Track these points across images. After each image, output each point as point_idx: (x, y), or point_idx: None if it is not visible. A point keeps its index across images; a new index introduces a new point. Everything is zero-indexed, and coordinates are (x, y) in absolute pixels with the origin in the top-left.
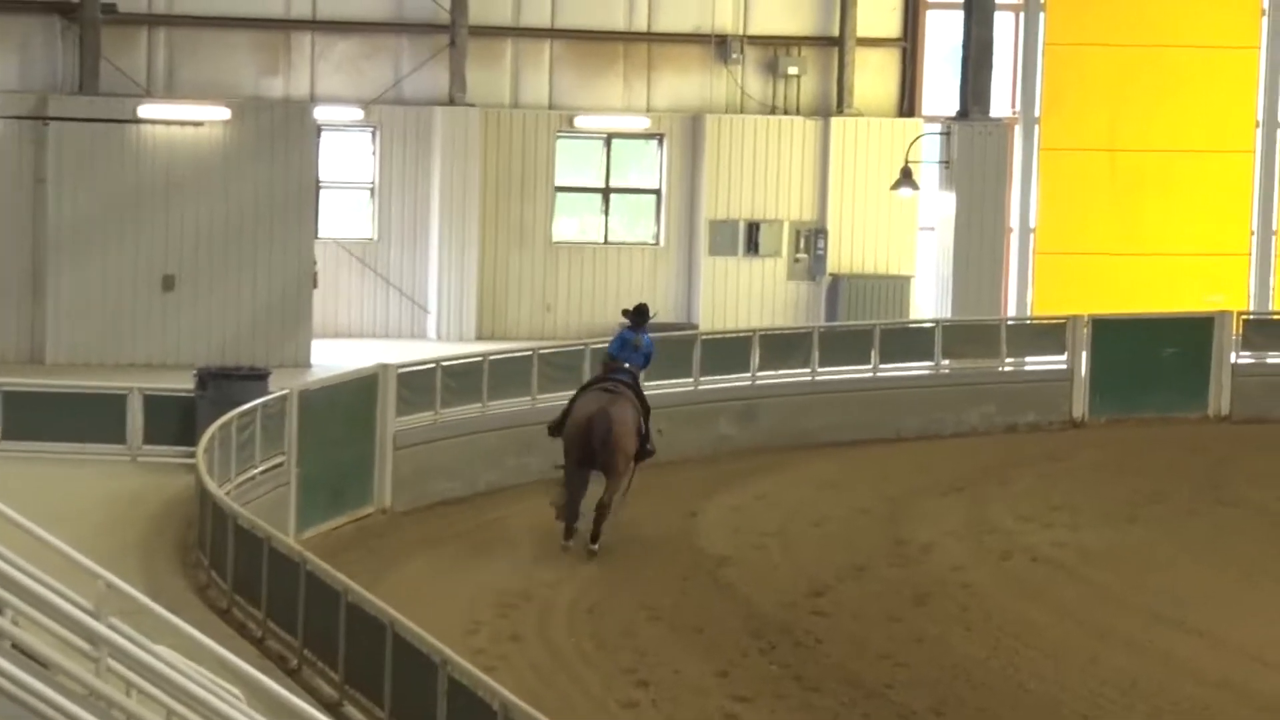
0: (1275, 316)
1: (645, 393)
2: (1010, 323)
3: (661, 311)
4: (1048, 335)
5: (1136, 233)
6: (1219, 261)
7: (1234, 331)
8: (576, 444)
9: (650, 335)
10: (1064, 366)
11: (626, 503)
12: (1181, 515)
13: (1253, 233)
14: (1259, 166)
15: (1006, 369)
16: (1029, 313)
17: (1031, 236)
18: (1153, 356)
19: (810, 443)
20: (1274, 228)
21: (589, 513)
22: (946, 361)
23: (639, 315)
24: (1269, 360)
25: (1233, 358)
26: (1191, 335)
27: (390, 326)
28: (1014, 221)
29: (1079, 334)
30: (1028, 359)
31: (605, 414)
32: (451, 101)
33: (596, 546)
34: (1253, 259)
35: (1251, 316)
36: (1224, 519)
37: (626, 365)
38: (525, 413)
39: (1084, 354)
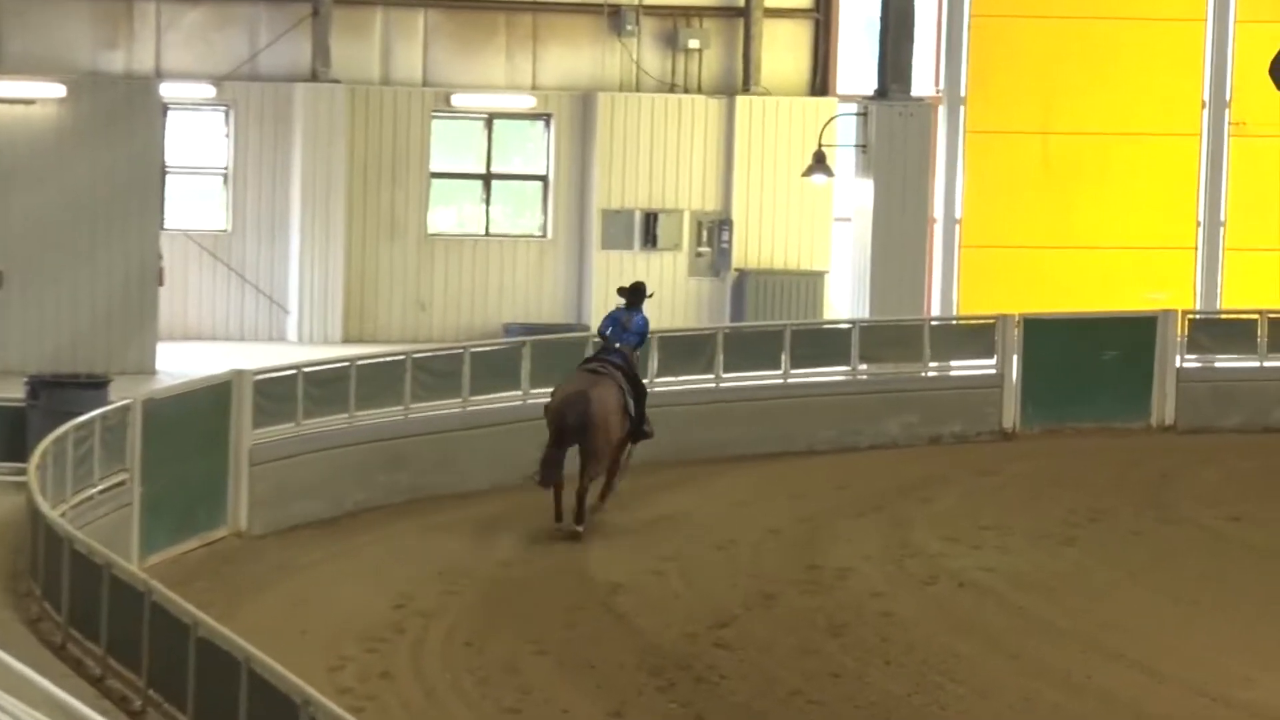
0: (1224, 316)
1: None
2: (934, 323)
3: (548, 311)
4: (975, 337)
5: (1072, 224)
6: (1162, 255)
7: (1179, 333)
8: (554, 424)
9: (643, 315)
10: (993, 372)
11: (615, 486)
12: (1122, 536)
13: (1199, 224)
14: (1205, 151)
15: (930, 374)
16: (954, 312)
17: (957, 228)
18: (1090, 360)
19: (714, 456)
20: (1221, 218)
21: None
22: (864, 366)
23: (634, 294)
24: (1217, 365)
25: (1177, 362)
26: (1132, 337)
27: (246, 328)
28: (938, 211)
29: (1009, 335)
30: (953, 363)
31: (583, 395)
32: (314, 77)
33: (581, 528)
34: (1199, 253)
35: (1198, 316)
36: (1169, 540)
37: (618, 345)
38: (397, 424)
39: (1015, 358)
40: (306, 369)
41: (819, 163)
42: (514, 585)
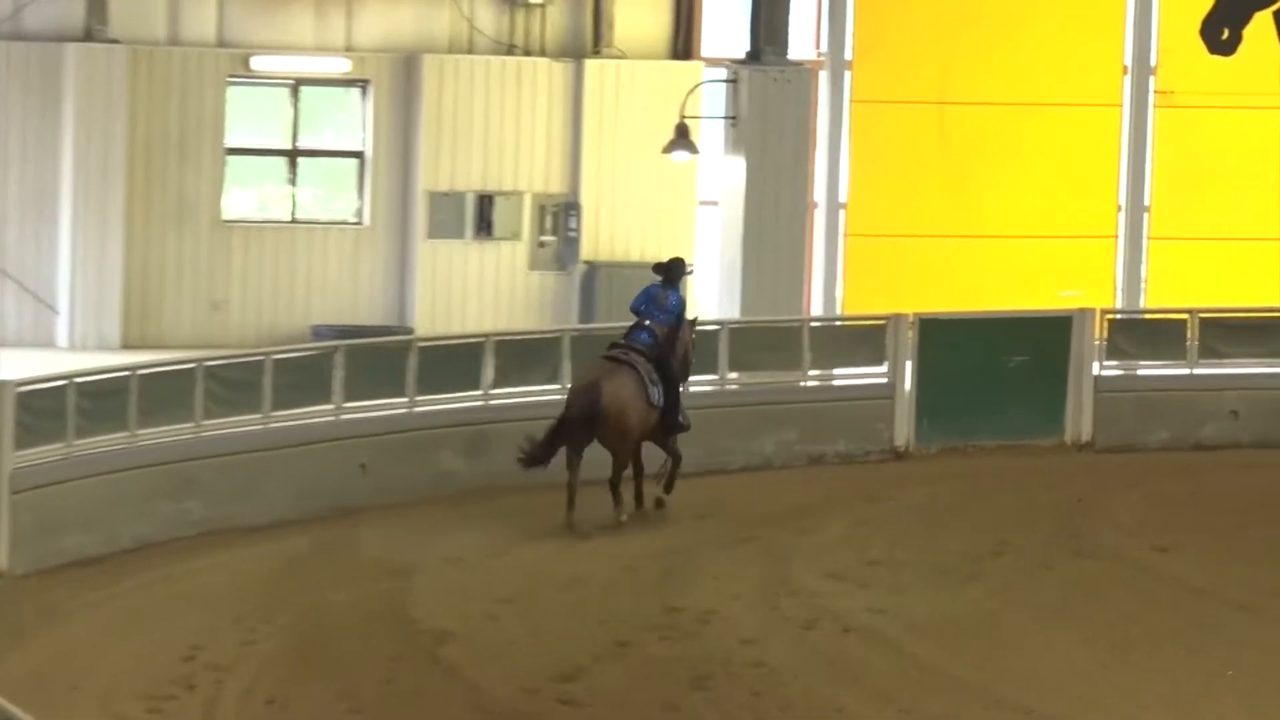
0: (1148, 316)
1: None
2: (815, 325)
3: (365, 311)
4: (863, 341)
5: (974, 209)
6: (1078, 246)
7: (1097, 335)
8: (563, 418)
9: (680, 293)
10: (884, 381)
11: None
12: (1032, 572)
13: (1120, 208)
14: (1128, 125)
15: (811, 384)
16: (839, 311)
17: (841, 213)
18: (995, 368)
19: (559, 479)
20: (1146, 203)
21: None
22: (734, 375)
23: (671, 270)
24: (1141, 372)
25: (1095, 369)
26: (1044, 340)
27: (7, 332)
28: (819, 194)
29: (902, 338)
30: (838, 371)
31: (594, 386)
32: (88, 36)
33: (625, 518)
34: (1120, 242)
35: (1119, 316)
36: (1085, 576)
37: (648, 323)
38: (187, 444)
39: (909, 364)
40: (78, 380)
41: (681, 137)
42: (325, 633)
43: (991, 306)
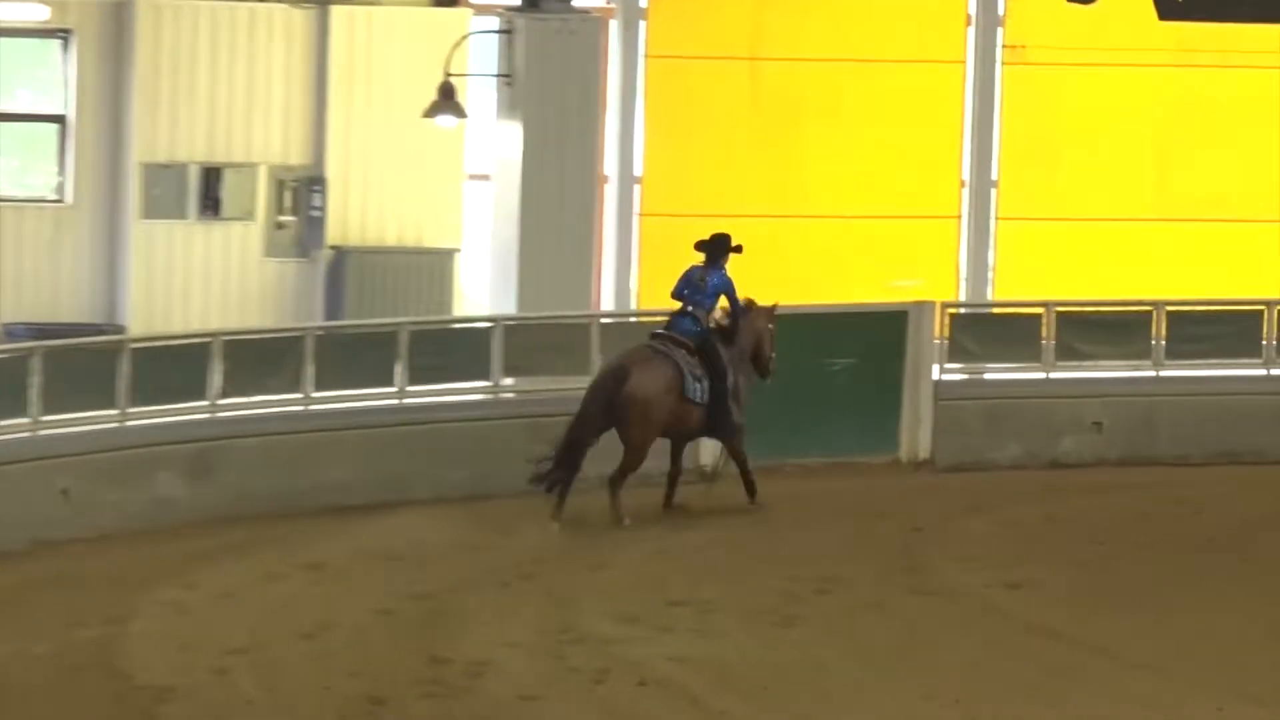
0: (997, 310)
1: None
2: (605, 320)
3: (67, 306)
4: None
5: (791, 184)
6: (914, 227)
7: (937, 333)
8: (583, 402)
9: (724, 273)
10: None
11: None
12: (861, 612)
13: (963, 184)
14: (972, 86)
15: None
16: (633, 304)
17: (636, 189)
18: (817, 372)
19: (301, 508)
20: (994, 177)
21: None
22: (510, 381)
23: (714, 247)
24: (988, 377)
25: (935, 373)
26: (874, 339)
27: None
28: (611, 167)
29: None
30: None
31: (621, 371)
32: None
33: (628, 520)
34: (964, 223)
35: (962, 310)
36: (924, 617)
37: (690, 309)
38: None
39: None
40: None
41: (446, 99)
42: (19, 691)
43: (812, 299)
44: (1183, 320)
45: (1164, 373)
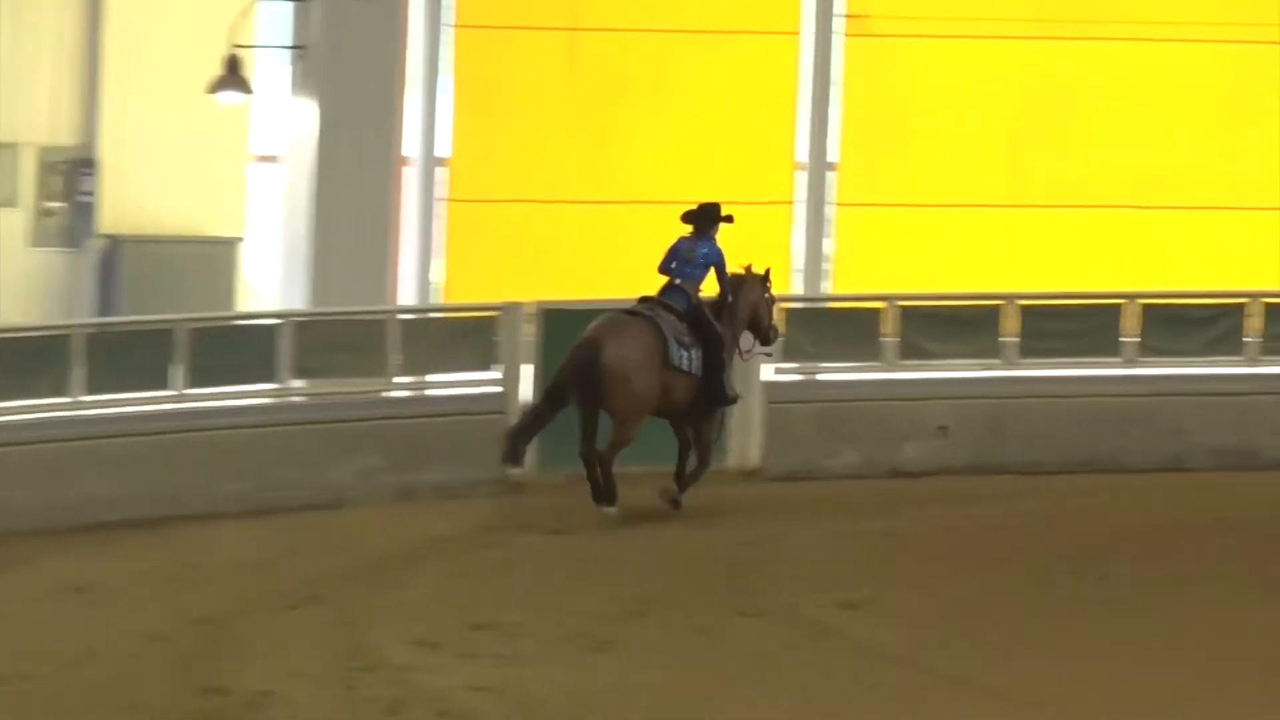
0: (834, 305)
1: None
2: (406, 317)
3: None
4: (468, 338)
5: (612, 167)
6: (746, 214)
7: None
8: (553, 377)
9: (714, 244)
10: (496, 390)
11: (700, 471)
12: (683, 636)
13: (799, 167)
14: (810, 60)
15: (400, 395)
16: (437, 299)
17: (441, 172)
18: None
19: (66, 523)
20: (832, 158)
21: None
22: (299, 383)
23: (701, 217)
24: (823, 377)
25: (766, 373)
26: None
27: None
28: (413, 147)
29: (517, 334)
30: (436, 377)
31: (593, 343)
32: None
33: (614, 509)
34: (799, 209)
35: (797, 305)
36: (752, 641)
37: (678, 282)
38: None
39: (528, 368)
40: None
41: (231, 73)
42: None
43: (634, 292)
44: (1037, 315)
45: (1016, 372)
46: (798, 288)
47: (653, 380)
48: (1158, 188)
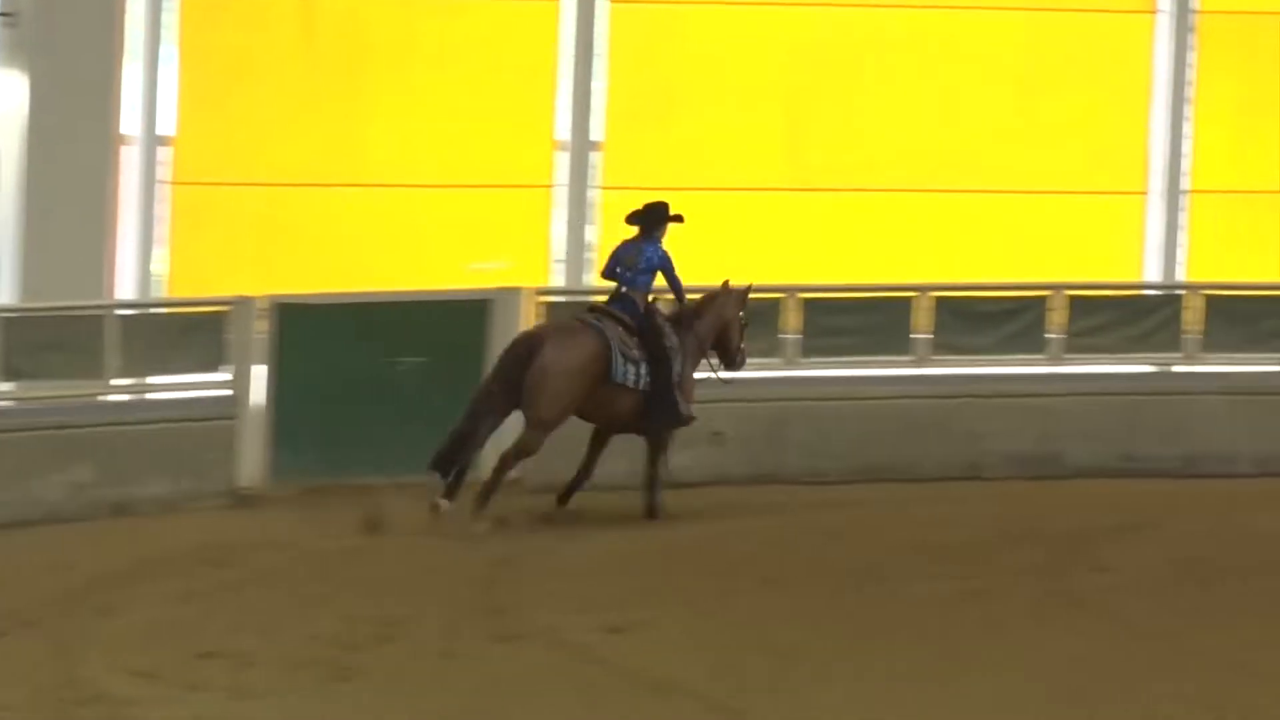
0: (599, 299)
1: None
2: (124, 312)
3: None
4: (193, 335)
5: (354, 146)
6: (503, 198)
7: (526, 324)
8: (485, 384)
9: (659, 247)
10: (224, 393)
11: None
12: (431, 662)
13: (560, 146)
14: (572, 27)
15: (120, 398)
16: (160, 292)
17: (164, 151)
18: (379, 373)
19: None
20: (595, 137)
21: None
22: (6, 386)
23: (649, 217)
24: None
25: None
26: (449, 333)
27: None
28: (134, 125)
29: (249, 331)
30: (156, 380)
31: (534, 339)
32: None
33: (483, 527)
34: (561, 193)
35: (558, 297)
36: (506, 667)
37: (624, 290)
38: None
39: (260, 369)
40: None
41: None
42: None
43: (375, 285)
44: (820, 310)
45: (797, 373)
46: (558, 280)
47: (579, 394)
48: (951, 169)
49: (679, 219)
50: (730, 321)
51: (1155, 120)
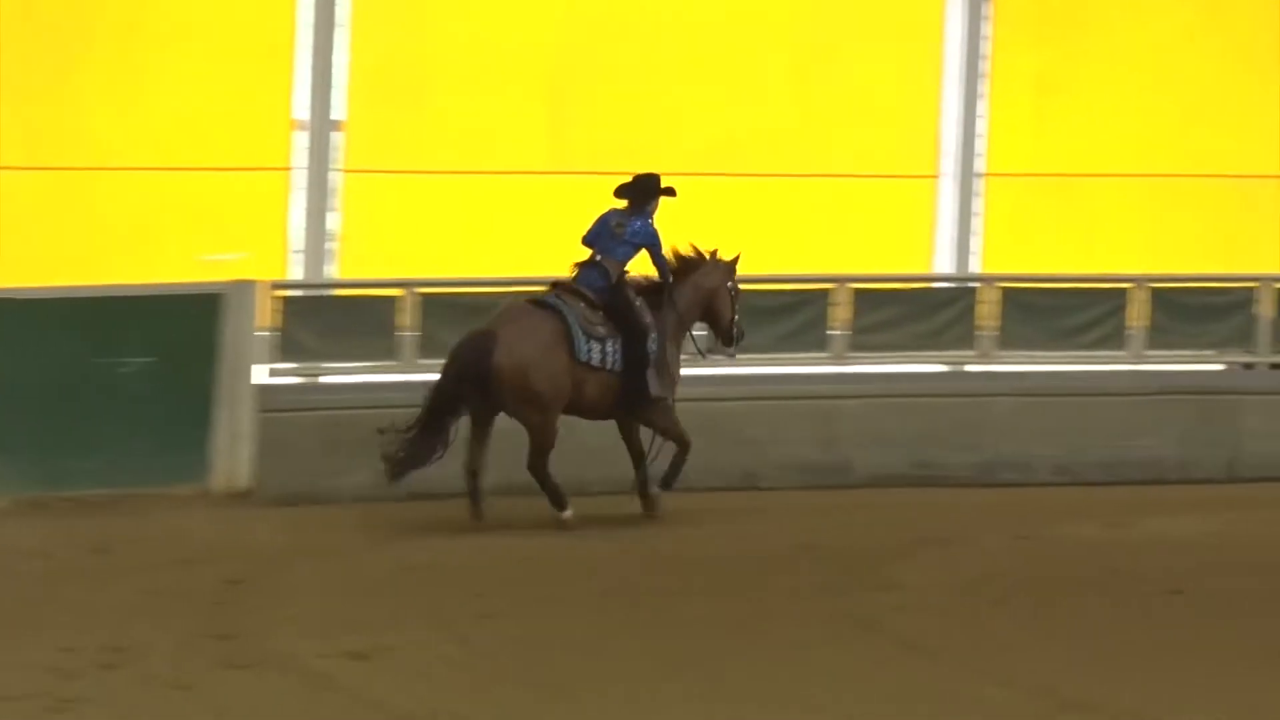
0: (342, 293)
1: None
2: None
3: None
4: None
5: (67, 127)
6: (234, 182)
7: (263, 323)
8: (441, 374)
9: (648, 222)
10: None
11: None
12: (158, 693)
13: (299, 126)
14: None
15: None
16: None
17: None
18: (99, 374)
19: None
20: (336, 116)
21: None
22: None
23: (638, 190)
24: (329, 379)
25: (260, 375)
26: (175, 331)
27: None
28: None
29: None
30: None
31: (485, 337)
32: None
33: (569, 514)
34: (299, 177)
35: (296, 292)
36: (239, 695)
37: (599, 258)
38: None
39: None
40: None
41: None
42: None
43: (94, 278)
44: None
45: None
46: (296, 271)
47: (558, 374)
48: (725, 152)
49: (670, 192)
50: (715, 292)
51: (947, 98)
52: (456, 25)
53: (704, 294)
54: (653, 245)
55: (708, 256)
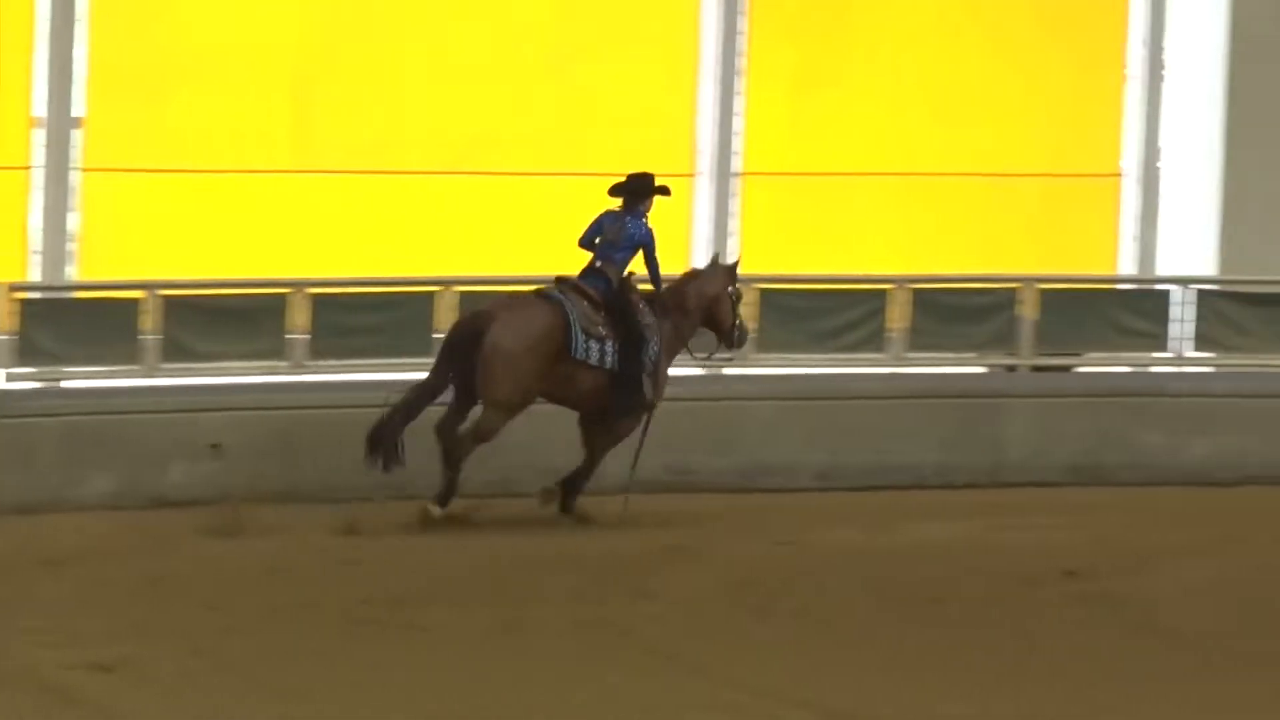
0: (82, 295)
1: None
2: None
3: None
4: None
5: None
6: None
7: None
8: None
9: (644, 223)
10: None
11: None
12: None
13: (36, 122)
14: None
15: None
16: None
17: None
18: None
19: None
20: (78, 113)
21: None
22: None
23: (633, 190)
24: (68, 384)
25: None
26: None
27: None
28: None
29: None
30: None
31: (482, 316)
32: None
33: (440, 510)
34: (37, 174)
35: (34, 294)
36: None
37: (598, 264)
38: None
39: None
40: None
41: None
42: None
43: None
44: (332, 307)
45: (306, 377)
46: (35, 273)
47: (536, 371)
48: (475, 151)
49: (665, 191)
50: (718, 298)
51: (704, 95)
52: (199, 20)
53: (709, 299)
54: (648, 246)
55: (710, 262)
